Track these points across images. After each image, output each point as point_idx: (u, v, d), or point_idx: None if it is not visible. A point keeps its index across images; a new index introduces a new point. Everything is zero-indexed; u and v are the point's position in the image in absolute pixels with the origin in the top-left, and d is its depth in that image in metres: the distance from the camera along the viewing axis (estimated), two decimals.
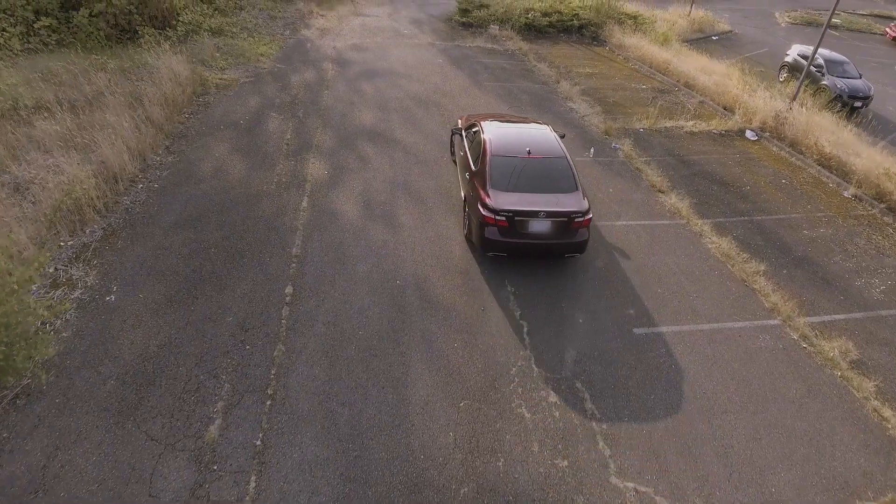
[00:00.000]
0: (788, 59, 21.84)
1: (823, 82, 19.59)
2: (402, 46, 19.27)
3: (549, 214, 7.88)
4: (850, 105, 18.16)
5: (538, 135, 9.37)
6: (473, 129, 9.81)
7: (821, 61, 20.15)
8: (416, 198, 10.13)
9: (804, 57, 20.94)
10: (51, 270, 7.52)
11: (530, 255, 8.53)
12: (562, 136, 9.66)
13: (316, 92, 14.47)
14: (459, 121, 11.22)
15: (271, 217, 9.22)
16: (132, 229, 8.61)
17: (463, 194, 9.34)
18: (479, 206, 8.04)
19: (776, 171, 12.56)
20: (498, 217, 7.85)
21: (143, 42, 14.61)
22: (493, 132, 9.20)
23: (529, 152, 8.63)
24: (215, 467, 5.30)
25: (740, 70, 17.90)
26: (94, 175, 9.09)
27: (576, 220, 7.96)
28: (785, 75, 21.81)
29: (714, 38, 28.16)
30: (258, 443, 5.57)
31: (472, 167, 8.86)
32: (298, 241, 8.68)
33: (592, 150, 12.49)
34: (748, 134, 14.24)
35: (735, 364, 7.12)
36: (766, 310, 8.14)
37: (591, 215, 8.14)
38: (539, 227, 7.94)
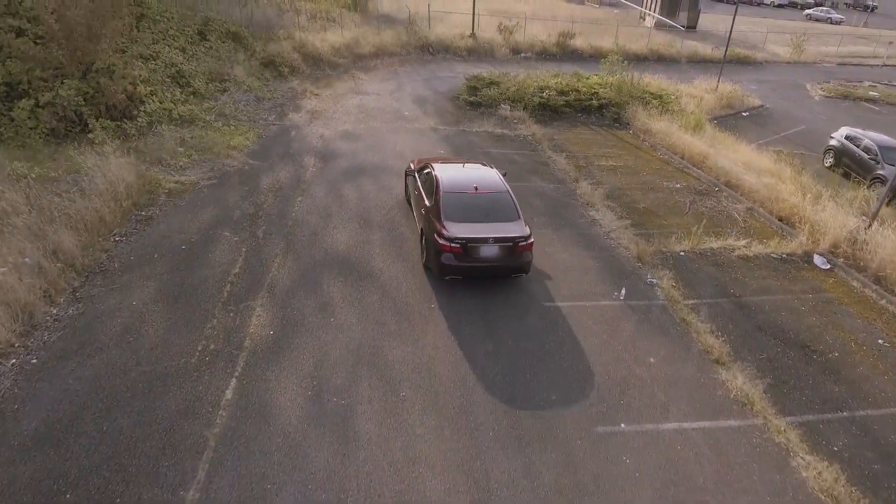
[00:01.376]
0: (834, 142, 19.44)
1: (879, 172, 17.00)
2: (401, 132, 17.12)
3: (497, 240, 8.99)
4: None
5: (483, 174, 10.51)
6: (426, 171, 10.65)
7: (874, 147, 17.66)
8: (385, 381, 7.41)
9: (852, 140, 18.48)
10: None
11: (482, 277, 9.57)
12: (504, 175, 10.58)
13: (287, 199, 12.11)
14: (411, 164, 12.06)
15: (176, 419, 6.54)
16: None
17: (419, 227, 10.18)
18: (436, 236, 9.01)
19: (867, 323, 9.65)
20: (453, 244, 8.85)
21: (94, 137, 12.54)
22: (445, 172, 10.15)
23: (476, 188, 9.77)
24: None
25: (792, 167, 15.30)
26: None
27: (520, 244, 9.07)
28: (830, 160, 19.35)
29: (745, 113, 25.97)
30: None
31: (427, 203, 9.79)
32: (202, 473, 5.94)
33: (624, 290, 9.78)
34: (817, 260, 11.44)
35: None
36: None
37: (532, 240, 9.22)
38: (489, 251, 9.02)
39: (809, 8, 64.18)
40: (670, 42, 35.87)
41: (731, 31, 28.27)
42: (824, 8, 63.01)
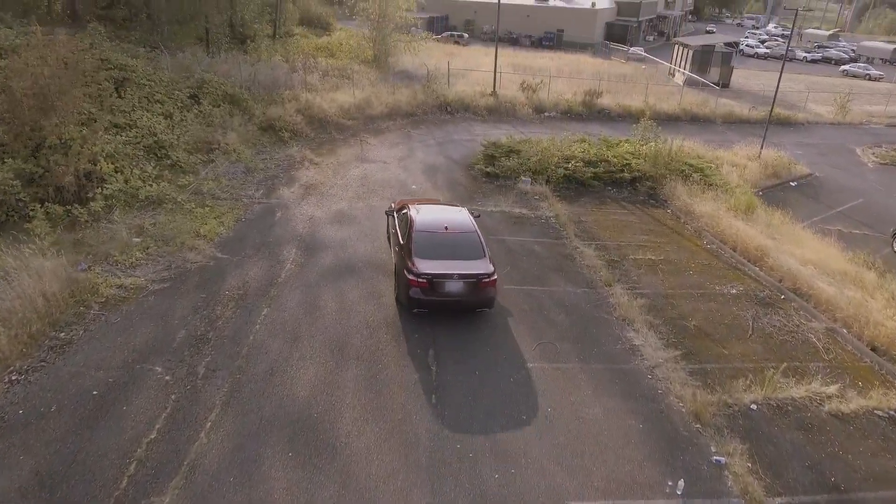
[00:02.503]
0: None
1: None
2: None
3: (461, 276, 9.52)
4: None
5: (455, 215, 10.99)
6: (403, 211, 11.05)
7: None
8: None
9: None
10: None
11: (447, 310, 9.98)
12: (477, 217, 11.15)
13: (250, 312, 9.79)
14: (392, 204, 12.56)
15: None
16: None
17: (395, 262, 10.55)
18: (406, 272, 9.54)
19: None
20: (420, 280, 9.38)
21: (33, 227, 10.56)
22: (419, 213, 10.63)
23: (447, 228, 10.36)
24: None
25: (877, 272, 12.51)
26: None
27: (483, 280, 9.59)
28: None
29: (793, 183, 23.31)
30: None
31: (401, 241, 10.34)
32: None
33: (682, 482, 7.01)
34: None
35: None
36: None
37: (496, 277, 9.71)
38: (453, 287, 9.54)
39: (844, 63, 61.75)
40: (703, 101, 33.69)
41: (776, 92, 26.03)
42: (862, 63, 60.50)
